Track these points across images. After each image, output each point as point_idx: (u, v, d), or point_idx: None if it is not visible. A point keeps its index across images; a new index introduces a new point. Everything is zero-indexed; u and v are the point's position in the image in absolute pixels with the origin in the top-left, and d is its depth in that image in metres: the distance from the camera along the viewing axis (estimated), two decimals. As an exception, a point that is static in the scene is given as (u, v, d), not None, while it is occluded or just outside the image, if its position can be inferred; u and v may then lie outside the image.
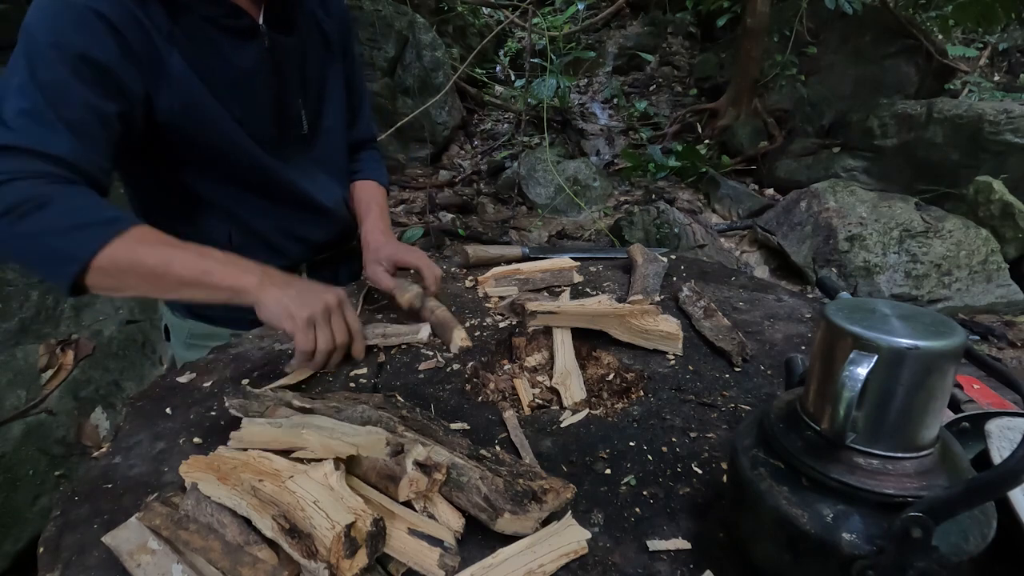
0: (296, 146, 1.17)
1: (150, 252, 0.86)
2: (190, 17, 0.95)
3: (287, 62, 1.10)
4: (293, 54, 1.11)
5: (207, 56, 0.98)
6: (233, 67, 1.01)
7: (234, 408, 0.77)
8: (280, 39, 1.07)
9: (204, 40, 0.97)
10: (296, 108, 1.15)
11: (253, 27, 1.02)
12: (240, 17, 1.00)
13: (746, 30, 5.52)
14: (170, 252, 0.88)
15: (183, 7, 0.94)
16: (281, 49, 1.07)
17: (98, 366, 2.12)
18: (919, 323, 0.49)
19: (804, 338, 1.06)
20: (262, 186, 1.13)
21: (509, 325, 1.09)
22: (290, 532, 0.54)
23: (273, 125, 1.11)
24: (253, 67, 1.04)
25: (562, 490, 0.64)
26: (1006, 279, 3.70)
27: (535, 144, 5.52)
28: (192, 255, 0.89)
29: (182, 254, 0.88)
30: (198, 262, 0.88)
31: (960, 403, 0.77)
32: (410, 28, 5.27)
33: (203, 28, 0.97)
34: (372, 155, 1.41)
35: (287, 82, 1.11)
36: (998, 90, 6.43)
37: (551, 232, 4.53)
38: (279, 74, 1.09)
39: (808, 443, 0.52)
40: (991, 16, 4.72)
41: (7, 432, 1.84)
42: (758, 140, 5.64)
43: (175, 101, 0.96)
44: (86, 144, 0.87)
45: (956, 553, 0.47)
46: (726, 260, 3.99)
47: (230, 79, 1.01)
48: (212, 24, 0.98)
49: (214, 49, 0.99)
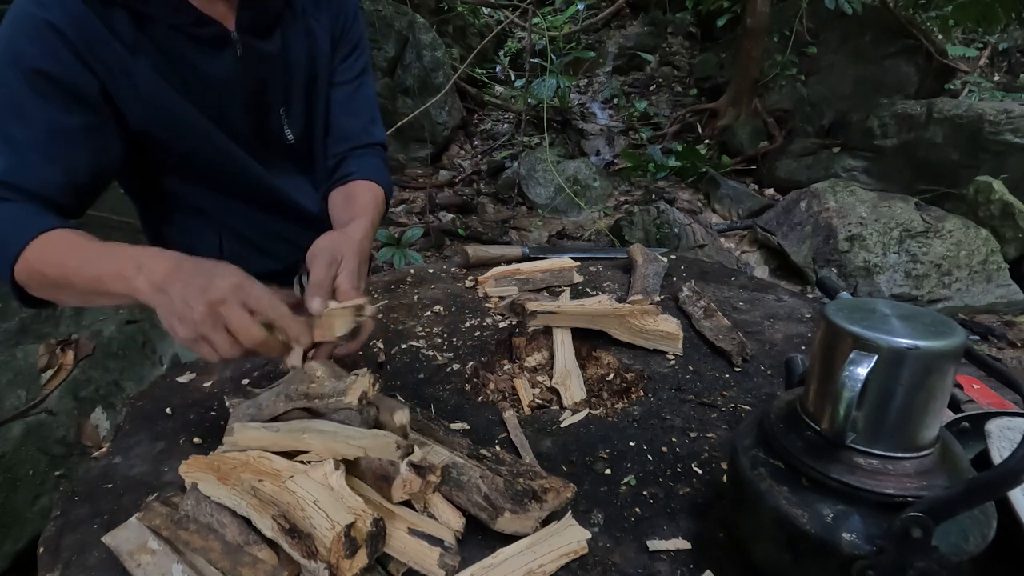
0: (279, 155, 1.13)
1: (50, 263, 0.80)
2: (157, 26, 0.92)
3: (267, 70, 1.04)
4: (275, 61, 1.04)
5: (177, 65, 0.95)
6: (204, 76, 0.97)
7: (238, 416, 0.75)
8: (258, 46, 1.01)
9: (172, 49, 0.94)
10: (278, 118, 1.09)
11: (223, 35, 0.97)
12: (207, 25, 0.95)
13: (746, 30, 5.52)
14: (68, 261, 0.80)
15: (148, 17, 0.90)
16: (258, 57, 1.02)
17: (98, 366, 2.11)
18: (919, 323, 0.49)
19: (804, 338, 1.06)
20: (246, 192, 1.11)
21: (509, 325, 1.09)
22: (290, 532, 0.54)
23: (252, 134, 1.07)
24: (225, 76, 0.99)
25: (562, 489, 0.64)
26: (1006, 279, 3.70)
27: (535, 144, 5.52)
28: (88, 259, 0.79)
29: (77, 261, 0.79)
30: (91, 267, 0.78)
31: (960, 403, 0.77)
32: (410, 28, 5.27)
33: (171, 37, 0.93)
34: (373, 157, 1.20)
35: (267, 91, 1.06)
36: (998, 90, 6.42)
37: (551, 232, 4.53)
38: (258, 83, 1.04)
39: (808, 443, 0.52)
40: (991, 16, 4.72)
41: (7, 432, 1.84)
42: (758, 140, 5.64)
43: (146, 110, 0.94)
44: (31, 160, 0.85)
45: (956, 553, 0.47)
46: (726, 260, 3.98)
47: (201, 88, 0.98)
48: (179, 33, 0.93)
49: (183, 58, 0.95)
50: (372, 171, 1.14)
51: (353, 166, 1.14)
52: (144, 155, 1.01)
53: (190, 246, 1.17)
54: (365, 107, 1.20)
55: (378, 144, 1.21)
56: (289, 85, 1.08)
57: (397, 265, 2.96)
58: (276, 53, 1.04)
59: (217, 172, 1.06)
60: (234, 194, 1.11)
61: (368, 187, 1.10)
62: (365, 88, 1.20)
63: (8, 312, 2.03)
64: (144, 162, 1.02)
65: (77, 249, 0.80)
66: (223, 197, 1.10)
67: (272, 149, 1.11)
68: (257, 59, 1.02)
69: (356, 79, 1.18)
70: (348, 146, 1.17)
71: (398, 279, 1.31)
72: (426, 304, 1.18)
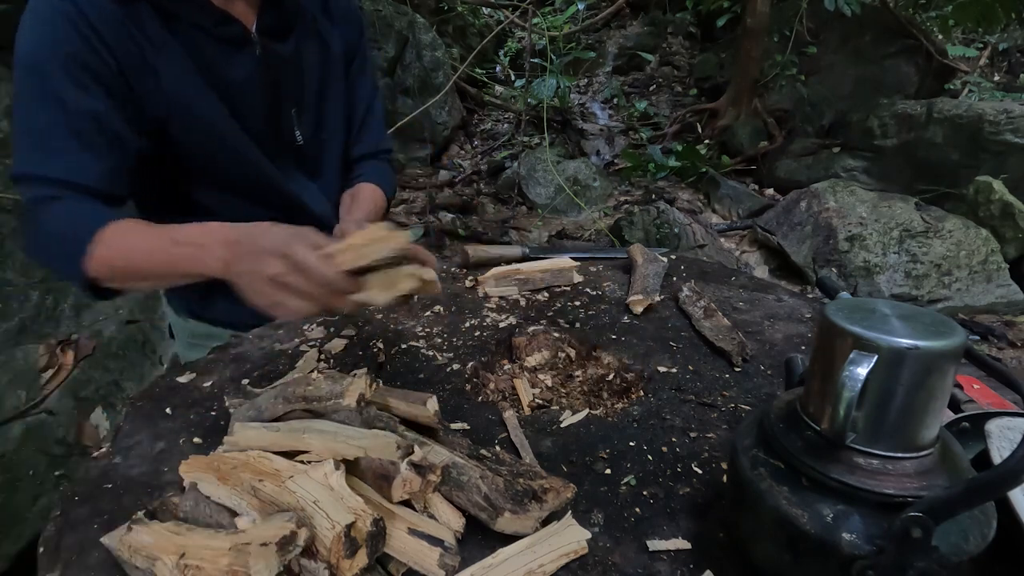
0: (288, 156, 1.15)
1: (120, 256, 0.86)
2: (182, 24, 0.94)
3: (282, 71, 1.07)
4: (289, 63, 1.08)
5: (200, 63, 0.97)
6: (224, 75, 1.00)
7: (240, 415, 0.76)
8: (275, 48, 1.04)
9: (196, 47, 0.96)
10: (289, 119, 1.12)
11: (244, 35, 1.00)
12: (230, 25, 0.98)
13: (746, 30, 5.52)
14: (136, 250, 0.86)
15: (173, 15, 0.93)
16: (275, 58, 1.05)
17: (98, 366, 2.12)
18: (919, 323, 0.49)
19: (804, 338, 1.06)
20: (258, 193, 1.12)
21: (509, 325, 1.09)
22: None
23: (265, 135, 1.09)
24: (245, 76, 1.02)
25: (562, 489, 0.64)
26: (1006, 279, 3.71)
27: (535, 144, 5.52)
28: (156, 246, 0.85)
29: (145, 249, 0.85)
30: (161, 254, 0.84)
31: (960, 403, 0.77)
32: (410, 28, 5.27)
33: (195, 36, 0.95)
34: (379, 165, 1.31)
35: (282, 92, 1.08)
36: (998, 90, 6.42)
37: (551, 232, 4.53)
38: (273, 83, 1.06)
39: (808, 443, 0.52)
40: (991, 16, 4.72)
41: (7, 432, 1.84)
42: (758, 140, 5.64)
43: (169, 106, 0.95)
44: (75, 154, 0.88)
45: (956, 553, 0.47)
46: (726, 260, 3.98)
47: (222, 87, 1.00)
48: (202, 32, 0.96)
49: (206, 57, 0.97)
50: (378, 175, 1.26)
51: (362, 169, 1.27)
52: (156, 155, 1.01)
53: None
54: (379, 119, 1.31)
55: (387, 151, 1.35)
56: (301, 87, 1.12)
57: (397, 265, 2.95)
58: (291, 56, 1.08)
59: (231, 172, 1.07)
60: (245, 195, 1.11)
61: (371, 189, 1.22)
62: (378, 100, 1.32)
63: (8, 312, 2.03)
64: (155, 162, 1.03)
65: (142, 237, 0.86)
66: (233, 198, 1.11)
67: (282, 150, 1.13)
68: (274, 60, 1.05)
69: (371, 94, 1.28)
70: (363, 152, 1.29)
71: (398, 279, 1.31)
72: (426, 304, 1.18)
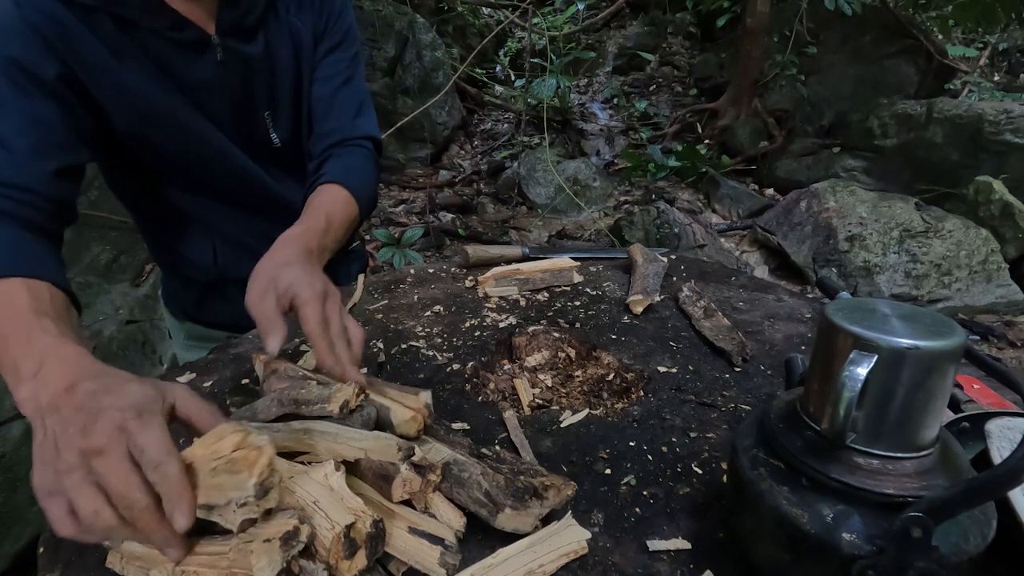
0: (267, 160, 1.11)
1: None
2: (139, 31, 0.91)
3: (251, 74, 1.02)
4: (258, 64, 1.03)
5: (162, 68, 0.94)
6: (187, 80, 0.96)
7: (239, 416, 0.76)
8: (240, 49, 1.00)
9: (155, 53, 0.93)
10: (263, 122, 1.08)
11: (203, 39, 0.95)
12: (186, 28, 0.94)
13: (746, 30, 5.52)
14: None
15: (130, 21, 0.89)
16: (239, 61, 1.00)
17: (98, 366, 2.11)
18: (919, 323, 0.49)
19: (804, 338, 1.06)
20: (240, 194, 1.10)
21: (509, 325, 1.09)
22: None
23: (239, 138, 1.05)
24: (208, 80, 0.98)
25: (563, 487, 0.64)
26: (1006, 279, 3.71)
27: (535, 144, 5.53)
28: (10, 331, 0.65)
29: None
30: (2, 344, 0.64)
31: (960, 403, 0.77)
32: (410, 28, 5.27)
33: (152, 41, 0.92)
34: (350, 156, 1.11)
35: (251, 94, 1.04)
36: (998, 90, 6.42)
37: (551, 232, 4.53)
38: (242, 86, 1.02)
39: (808, 443, 0.52)
40: (991, 16, 4.73)
41: (7, 432, 1.84)
42: (758, 140, 5.64)
43: (134, 111, 0.93)
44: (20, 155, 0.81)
45: (956, 553, 0.47)
46: (726, 260, 3.99)
47: (186, 90, 0.97)
48: (159, 37, 0.92)
49: (166, 61, 0.94)
50: (342, 172, 1.06)
51: (326, 167, 1.08)
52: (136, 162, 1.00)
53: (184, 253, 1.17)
54: (349, 102, 1.14)
55: (364, 137, 1.14)
56: (274, 88, 1.07)
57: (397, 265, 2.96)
58: (260, 56, 1.02)
59: (211, 174, 1.05)
60: (227, 198, 1.10)
61: (329, 190, 1.03)
62: (353, 83, 1.15)
63: (8, 312, 2.02)
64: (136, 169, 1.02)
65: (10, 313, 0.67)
66: (216, 202, 1.09)
67: (260, 153, 1.09)
68: (240, 62, 1.00)
69: (340, 74, 1.13)
70: (329, 143, 1.10)
71: (398, 279, 1.31)
72: (426, 304, 1.18)
